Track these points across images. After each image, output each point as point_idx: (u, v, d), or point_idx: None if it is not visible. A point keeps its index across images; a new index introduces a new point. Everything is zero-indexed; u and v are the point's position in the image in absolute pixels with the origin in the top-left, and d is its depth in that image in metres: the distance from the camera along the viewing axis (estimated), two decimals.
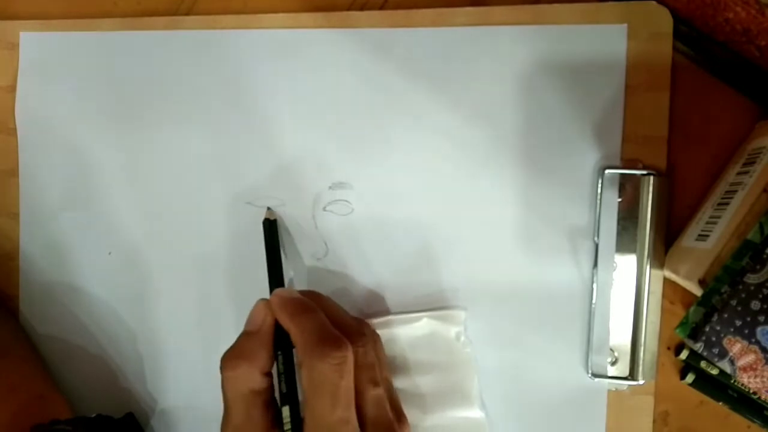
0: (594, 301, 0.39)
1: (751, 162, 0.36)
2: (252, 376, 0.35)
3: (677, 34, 0.39)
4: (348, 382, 0.33)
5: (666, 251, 0.39)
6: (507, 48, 0.40)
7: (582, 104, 0.39)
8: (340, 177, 0.42)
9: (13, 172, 0.45)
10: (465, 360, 0.40)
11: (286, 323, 0.35)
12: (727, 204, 0.36)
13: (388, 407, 0.35)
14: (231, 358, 0.35)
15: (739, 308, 0.32)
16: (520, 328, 0.40)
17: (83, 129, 0.45)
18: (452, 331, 0.40)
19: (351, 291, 0.42)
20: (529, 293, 0.40)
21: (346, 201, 0.42)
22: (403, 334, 0.40)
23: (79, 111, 0.45)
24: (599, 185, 0.39)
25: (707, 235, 0.36)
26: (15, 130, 0.45)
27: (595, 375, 0.39)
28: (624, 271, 0.39)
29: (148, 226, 0.44)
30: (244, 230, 0.43)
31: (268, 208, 0.42)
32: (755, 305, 0.32)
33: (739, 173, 0.37)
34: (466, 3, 0.41)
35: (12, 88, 0.45)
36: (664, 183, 0.39)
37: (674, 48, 0.39)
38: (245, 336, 0.36)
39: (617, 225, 0.39)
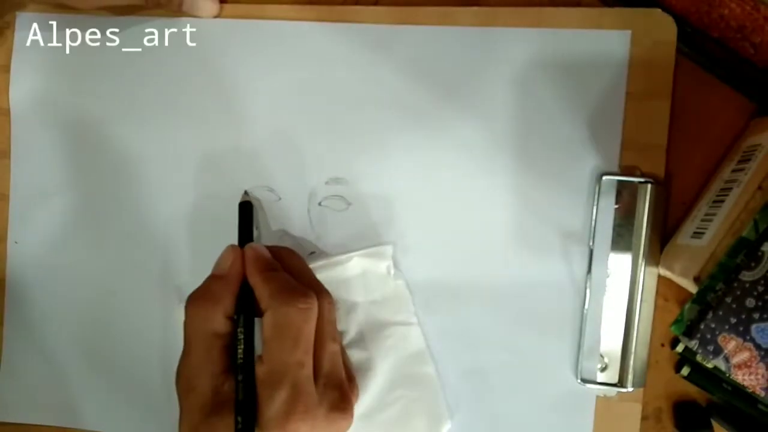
0: (586, 307, 0.39)
1: (746, 159, 0.36)
2: (215, 317, 0.35)
3: None
4: (311, 329, 0.34)
5: (661, 254, 0.39)
6: (509, 50, 0.40)
7: (582, 109, 0.39)
8: (337, 172, 0.41)
9: (5, 153, 0.45)
10: (398, 293, 0.40)
11: (254, 277, 0.36)
12: (722, 201, 0.36)
13: (341, 365, 0.36)
14: (196, 298, 0.35)
15: (734, 306, 0.32)
16: (511, 329, 0.40)
17: (76, 112, 0.44)
18: (382, 266, 0.40)
19: None
20: (522, 296, 0.40)
21: (342, 197, 0.41)
22: (338, 276, 0.40)
23: (73, 94, 0.44)
24: (596, 191, 0.39)
25: (702, 233, 0.36)
26: (8, 110, 0.45)
27: (584, 380, 0.39)
28: (617, 277, 0.39)
29: (139, 213, 0.43)
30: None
31: (246, 192, 0.42)
32: (750, 302, 0.32)
33: (734, 170, 0.36)
34: (461, 3, 0.40)
35: (6, 68, 0.45)
36: (662, 191, 0.38)
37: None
38: (212, 279, 0.37)
39: (613, 231, 0.38)
